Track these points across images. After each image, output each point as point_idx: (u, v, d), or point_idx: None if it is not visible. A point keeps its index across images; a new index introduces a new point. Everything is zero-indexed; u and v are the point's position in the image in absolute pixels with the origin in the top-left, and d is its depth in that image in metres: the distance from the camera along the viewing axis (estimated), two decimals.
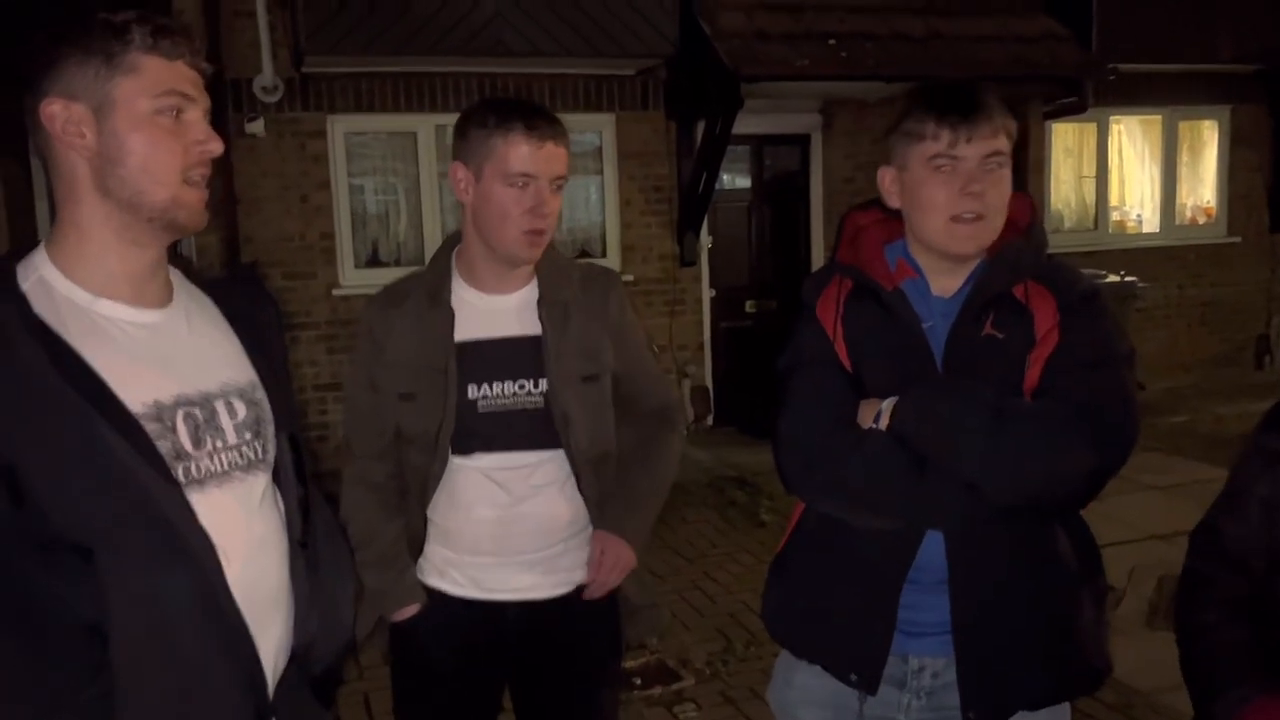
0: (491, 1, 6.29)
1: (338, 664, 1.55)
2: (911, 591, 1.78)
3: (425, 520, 2.12)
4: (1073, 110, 7.74)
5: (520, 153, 1.95)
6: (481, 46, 6.34)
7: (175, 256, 1.49)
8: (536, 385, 2.04)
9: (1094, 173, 8.98)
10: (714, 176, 7.09)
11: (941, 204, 1.75)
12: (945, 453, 1.70)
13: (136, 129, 1.30)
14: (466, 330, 2.05)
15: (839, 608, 1.84)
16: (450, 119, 7.60)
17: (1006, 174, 1.77)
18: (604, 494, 2.13)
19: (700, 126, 7.15)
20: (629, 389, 2.19)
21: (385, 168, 7.08)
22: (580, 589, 2.13)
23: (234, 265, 6.34)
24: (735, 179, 8.09)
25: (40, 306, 1.28)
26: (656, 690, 4.02)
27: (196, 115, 1.36)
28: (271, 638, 1.41)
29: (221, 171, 6.49)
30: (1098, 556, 1.86)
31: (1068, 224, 9.02)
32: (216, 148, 1.37)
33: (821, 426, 1.79)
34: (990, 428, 1.67)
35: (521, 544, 2.08)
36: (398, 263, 6.92)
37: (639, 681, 4.09)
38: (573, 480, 2.09)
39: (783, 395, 1.87)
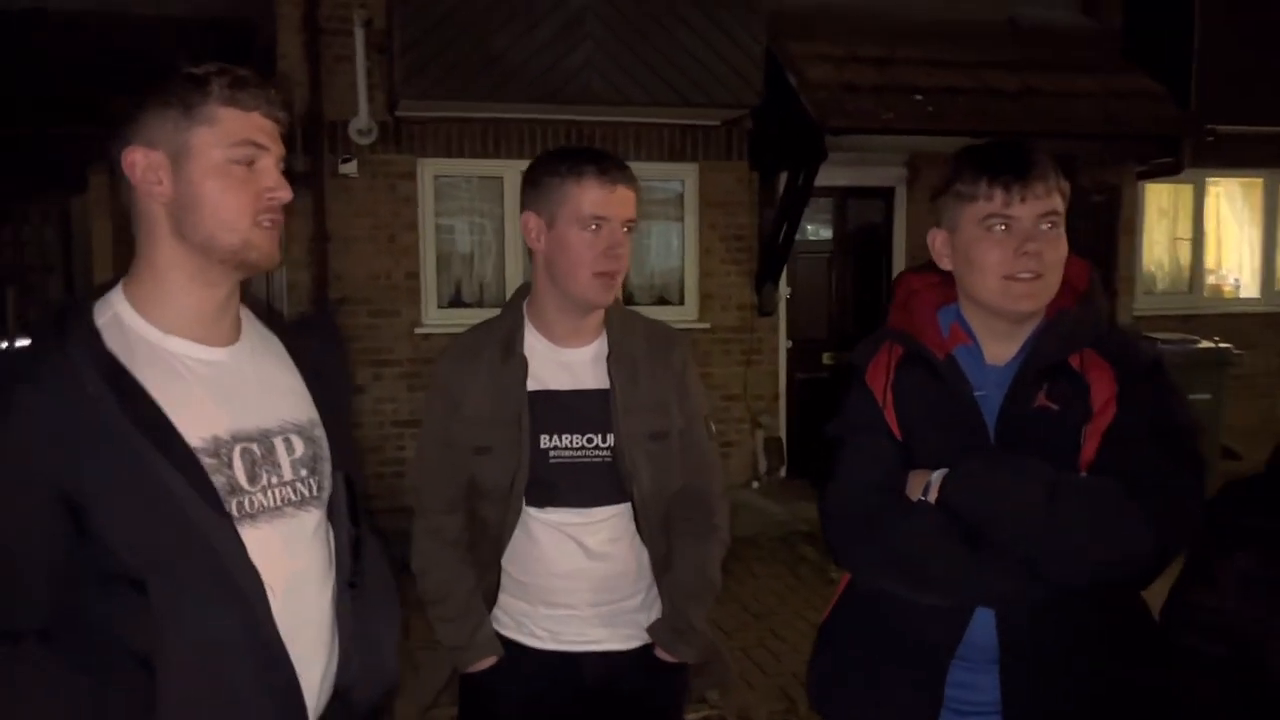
0: (581, 51, 6.40)
1: (380, 707, 1.57)
2: (961, 669, 1.73)
3: (500, 571, 2.13)
4: (1168, 171, 7.55)
5: (593, 196, 1.98)
6: (571, 95, 6.46)
7: (248, 297, 1.54)
8: (604, 440, 2.05)
9: (1190, 235, 8.75)
10: (795, 227, 7.08)
11: (995, 264, 1.71)
12: (997, 529, 1.65)
13: (211, 177, 1.36)
14: (538, 380, 2.06)
15: (885, 683, 1.79)
16: None
17: (1062, 233, 1.72)
18: (667, 545, 2.15)
19: (783, 177, 7.17)
20: (683, 453, 2.16)
21: (471, 210, 7.23)
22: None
23: (322, 302, 6.52)
24: (818, 230, 8.07)
25: (112, 342, 1.34)
26: None
27: (269, 164, 1.41)
28: (314, 673, 1.44)
29: (315, 210, 6.70)
30: (1156, 634, 1.79)
31: (1160, 286, 8.79)
32: (286, 195, 1.42)
33: (869, 497, 1.75)
34: (1044, 504, 1.62)
35: (596, 597, 2.09)
36: (480, 304, 7.03)
37: None
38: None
39: (831, 463, 1.84)
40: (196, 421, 1.35)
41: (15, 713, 1.26)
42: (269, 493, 1.41)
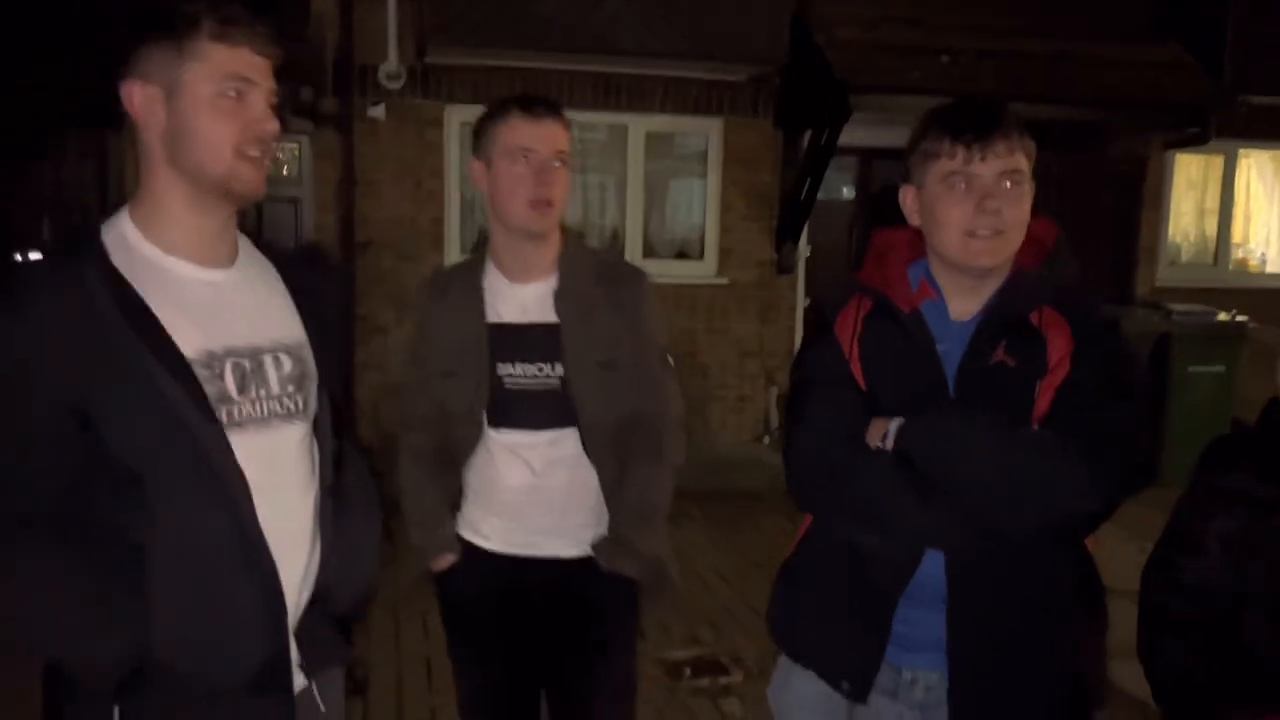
0: (610, 3, 6.43)
1: (358, 606, 1.70)
2: (909, 607, 1.81)
3: (462, 482, 2.34)
4: (1194, 141, 7.48)
5: (519, 130, 2.16)
6: (598, 46, 6.49)
7: (246, 225, 1.66)
8: (554, 369, 2.21)
9: (1217, 207, 8.67)
10: (817, 186, 7.09)
11: (957, 220, 1.76)
12: (948, 477, 1.73)
13: (201, 109, 1.47)
14: (496, 314, 2.25)
15: (836, 617, 1.88)
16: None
17: (1024, 191, 1.77)
18: (619, 469, 2.27)
19: (807, 135, 7.18)
20: (635, 381, 2.28)
21: None
22: None
23: (347, 243, 6.66)
24: (843, 190, 8.07)
25: (118, 260, 1.46)
26: (704, 682, 4.13)
27: (258, 97, 1.51)
28: (295, 571, 1.57)
29: (343, 153, 6.81)
30: (1100, 586, 1.87)
31: (1185, 258, 8.71)
32: (273, 128, 1.52)
33: (830, 443, 1.83)
34: (994, 455, 1.70)
35: (543, 511, 2.26)
36: None
37: (689, 672, 4.21)
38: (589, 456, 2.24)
39: (797, 410, 1.93)
40: (192, 335, 1.47)
41: (24, 588, 1.41)
42: (257, 404, 1.53)
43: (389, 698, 3.94)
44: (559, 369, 2.21)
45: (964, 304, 1.85)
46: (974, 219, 1.75)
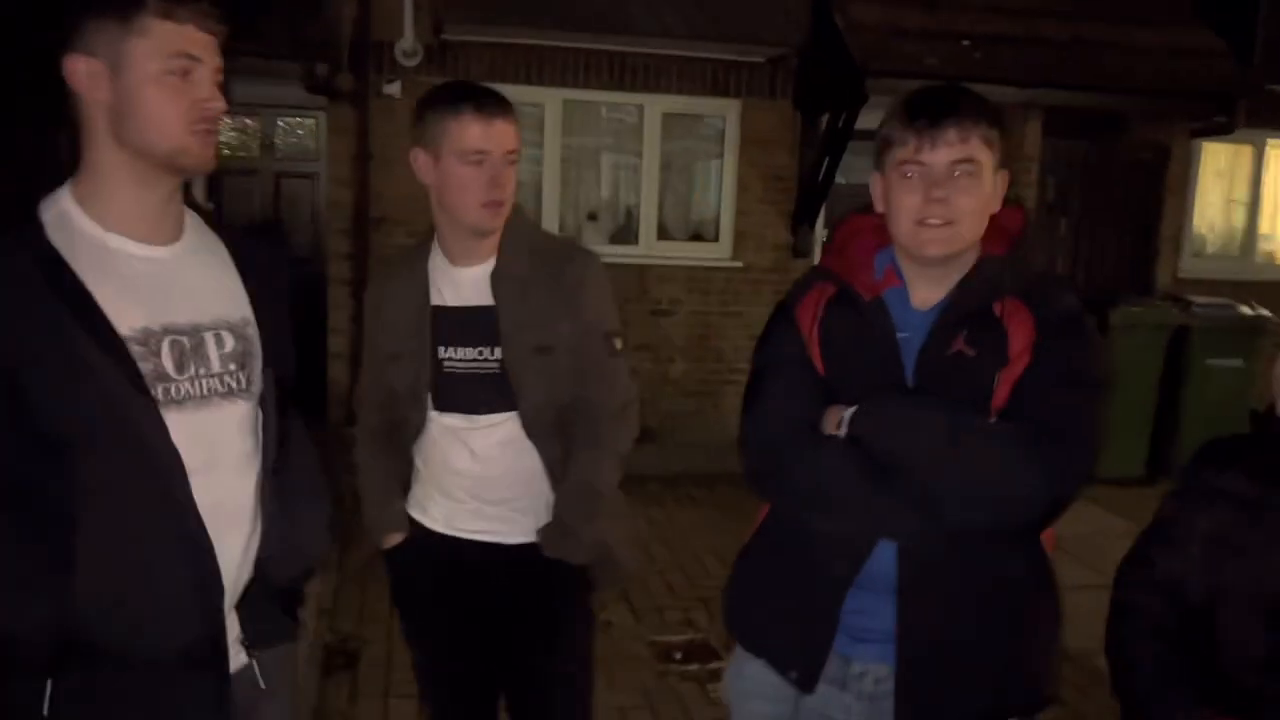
0: None
1: (299, 583, 1.71)
2: (860, 597, 1.79)
3: (411, 463, 2.36)
4: (1221, 130, 7.32)
5: (473, 132, 2.11)
6: (615, 25, 6.46)
7: (193, 202, 1.66)
8: (492, 353, 2.21)
9: (1245, 198, 8.51)
10: (834, 169, 7.03)
11: (908, 208, 1.75)
12: (900, 465, 1.71)
13: (146, 86, 1.46)
14: (439, 297, 2.25)
15: (786, 605, 1.88)
16: (578, 94, 7.64)
17: (979, 181, 1.74)
18: (564, 453, 2.27)
19: (825, 118, 7.11)
20: (576, 366, 2.26)
21: None
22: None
23: (361, 219, 6.67)
24: (864, 174, 8.00)
25: (55, 235, 1.47)
26: (694, 667, 4.13)
27: (204, 75, 1.50)
28: (233, 548, 1.57)
29: (358, 129, 6.83)
30: (1052, 582, 1.85)
31: (1210, 249, 8.56)
32: (220, 105, 1.52)
33: (785, 429, 1.82)
34: (946, 445, 1.68)
35: (487, 495, 2.27)
36: None
37: (679, 656, 4.21)
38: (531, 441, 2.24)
39: (752, 394, 1.91)
40: (128, 312, 1.47)
41: None
42: (196, 383, 1.53)
43: (378, 673, 3.98)
44: (497, 353, 2.21)
45: (927, 292, 1.84)
46: (924, 208, 1.74)
